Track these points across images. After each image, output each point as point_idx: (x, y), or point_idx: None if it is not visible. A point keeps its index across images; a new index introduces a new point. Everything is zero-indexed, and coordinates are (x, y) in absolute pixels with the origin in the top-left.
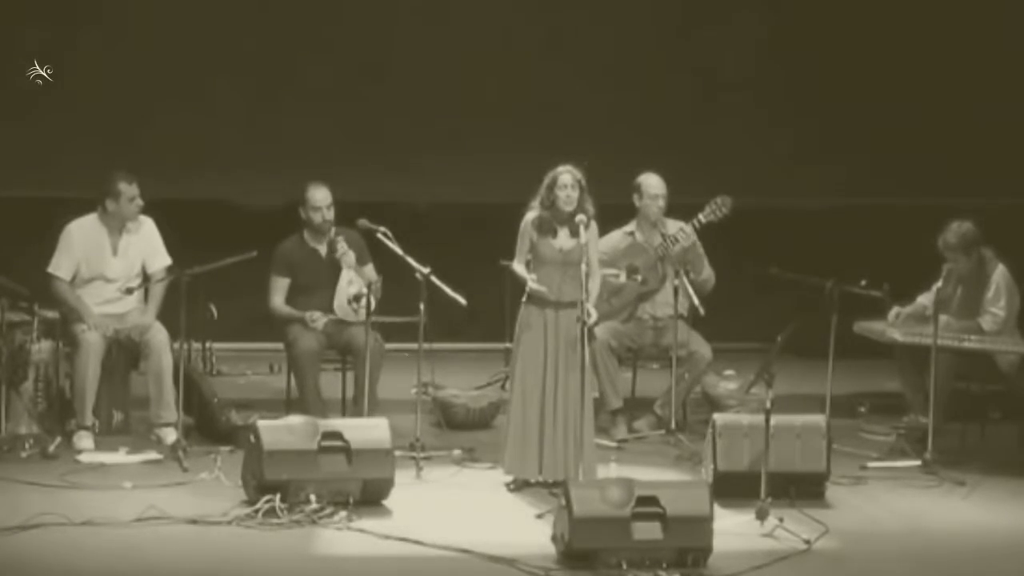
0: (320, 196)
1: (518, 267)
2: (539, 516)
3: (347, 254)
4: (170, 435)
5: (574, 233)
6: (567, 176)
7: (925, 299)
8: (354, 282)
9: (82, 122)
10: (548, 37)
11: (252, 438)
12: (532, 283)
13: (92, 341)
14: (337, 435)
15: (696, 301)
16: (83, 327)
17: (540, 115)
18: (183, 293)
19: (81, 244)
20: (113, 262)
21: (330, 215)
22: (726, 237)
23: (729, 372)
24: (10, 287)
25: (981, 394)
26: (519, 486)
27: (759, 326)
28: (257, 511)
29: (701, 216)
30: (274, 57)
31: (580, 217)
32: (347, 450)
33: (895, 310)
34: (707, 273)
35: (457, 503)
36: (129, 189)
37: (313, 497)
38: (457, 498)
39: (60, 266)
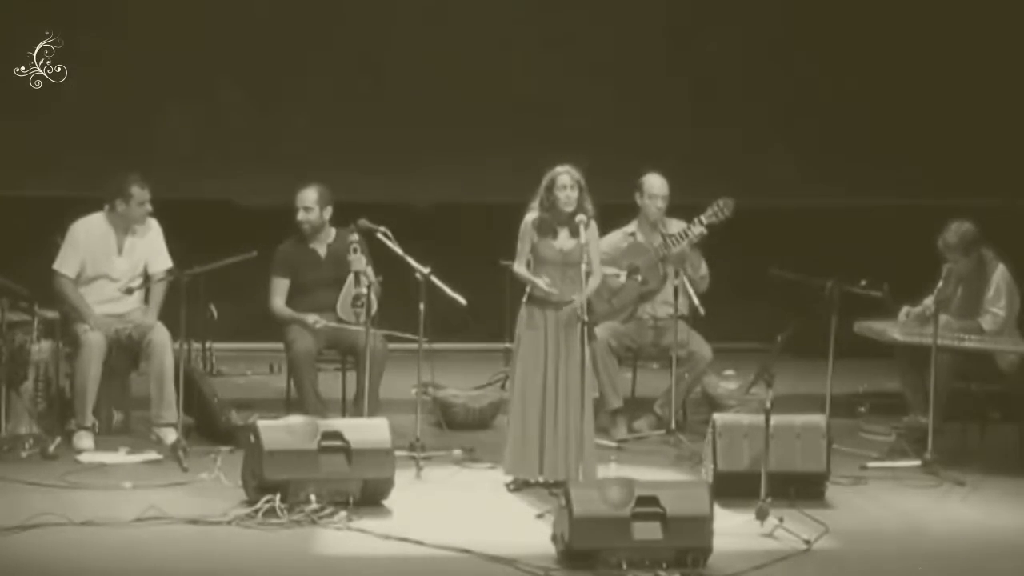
0: (302, 195)
1: (522, 270)
2: (539, 516)
3: (356, 260)
4: (170, 435)
5: (574, 233)
6: (566, 177)
7: (931, 301)
8: (360, 284)
9: (83, 122)
10: (548, 37)
11: (252, 438)
12: (544, 286)
13: (94, 341)
14: (337, 435)
15: (696, 301)
16: (85, 327)
17: (540, 115)
18: (183, 293)
19: (87, 242)
20: (118, 261)
21: (309, 216)
22: (726, 237)
23: (729, 372)
24: (10, 287)
25: (981, 394)
26: (519, 486)
27: (759, 326)
28: (257, 511)
29: (703, 217)
30: (274, 57)
31: (580, 217)
32: (347, 450)
33: (905, 309)
34: (704, 270)
35: (457, 503)
36: (141, 193)
37: (313, 497)
38: (457, 498)
39: (66, 263)
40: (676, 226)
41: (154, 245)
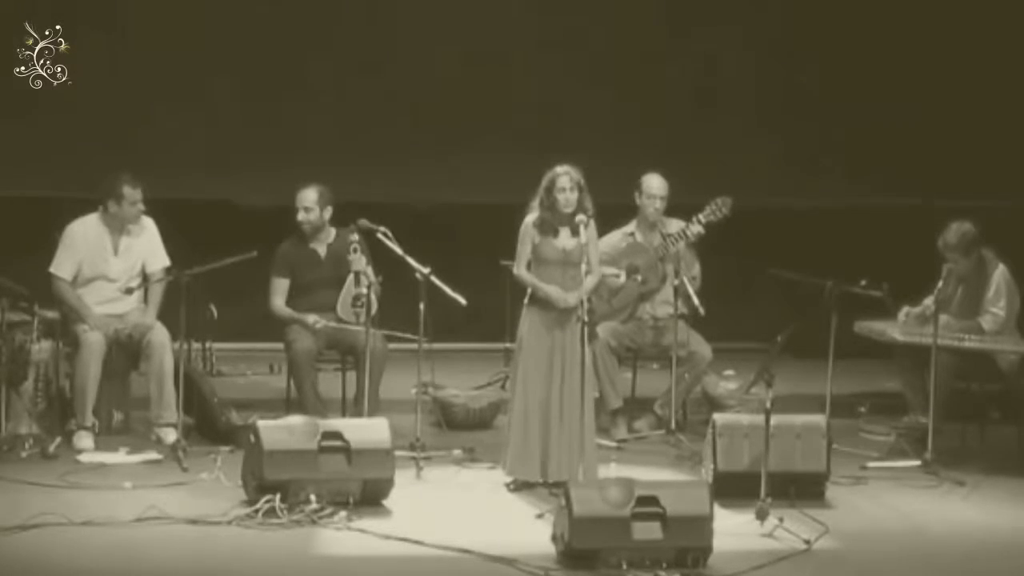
0: (301, 195)
1: (526, 274)
2: (539, 516)
3: (356, 260)
4: (170, 435)
5: (575, 232)
6: (565, 179)
7: (931, 301)
8: (360, 283)
9: (82, 122)
10: (548, 37)
11: (252, 438)
12: (554, 293)
13: (93, 341)
14: (337, 435)
15: (696, 301)
16: (84, 327)
17: (540, 115)
18: (183, 293)
19: (83, 243)
20: (114, 262)
21: (310, 216)
22: (726, 237)
23: (729, 372)
24: (10, 287)
25: (981, 394)
26: (519, 486)
27: (759, 326)
28: (257, 511)
29: (701, 216)
30: (274, 57)
31: (580, 217)
32: (347, 450)
33: (905, 309)
34: (697, 271)
35: (457, 503)
36: (133, 193)
37: (313, 497)
38: (457, 498)
39: (62, 266)
40: (675, 225)
41: (150, 244)
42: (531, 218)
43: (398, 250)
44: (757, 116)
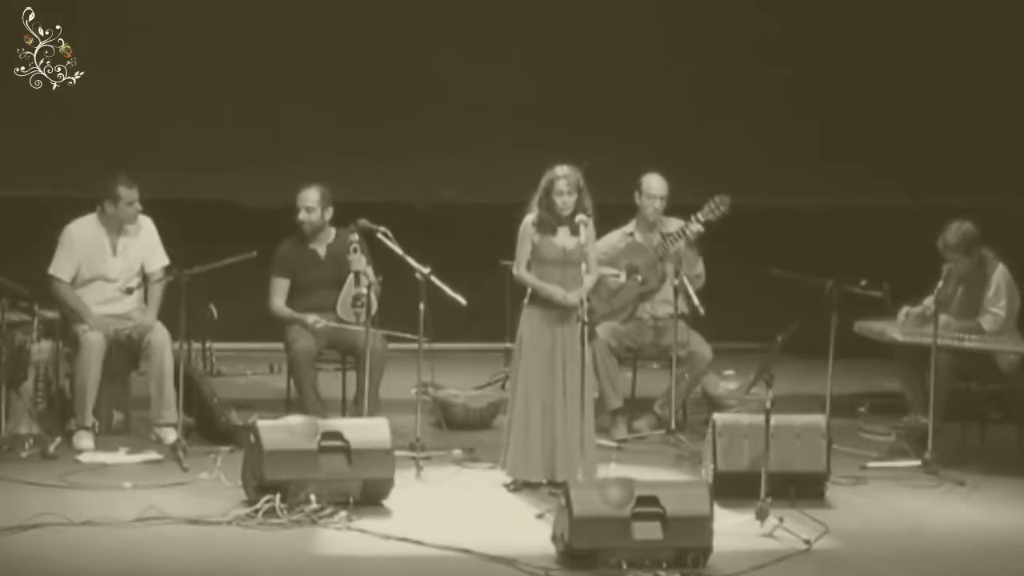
0: (303, 195)
1: (526, 274)
2: (539, 516)
3: (356, 260)
4: (170, 435)
5: (575, 232)
6: (563, 182)
7: (931, 301)
8: (360, 283)
9: (82, 122)
10: (548, 37)
11: (252, 438)
12: (555, 290)
13: (93, 341)
14: (337, 435)
15: (696, 301)
16: (84, 327)
17: (540, 115)
18: (183, 293)
19: (81, 244)
20: (113, 262)
21: (311, 216)
22: (726, 237)
23: (729, 372)
24: (10, 287)
25: (981, 394)
26: (519, 486)
27: (759, 326)
28: (257, 511)
29: (700, 215)
30: (274, 57)
31: (580, 217)
32: (347, 450)
33: (905, 309)
34: (700, 269)
35: (457, 503)
36: (129, 194)
37: (313, 497)
38: (457, 498)
39: (61, 267)
40: (674, 225)
41: (148, 243)
42: (530, 218)
43: (398, 250)
44: (757, 116)
